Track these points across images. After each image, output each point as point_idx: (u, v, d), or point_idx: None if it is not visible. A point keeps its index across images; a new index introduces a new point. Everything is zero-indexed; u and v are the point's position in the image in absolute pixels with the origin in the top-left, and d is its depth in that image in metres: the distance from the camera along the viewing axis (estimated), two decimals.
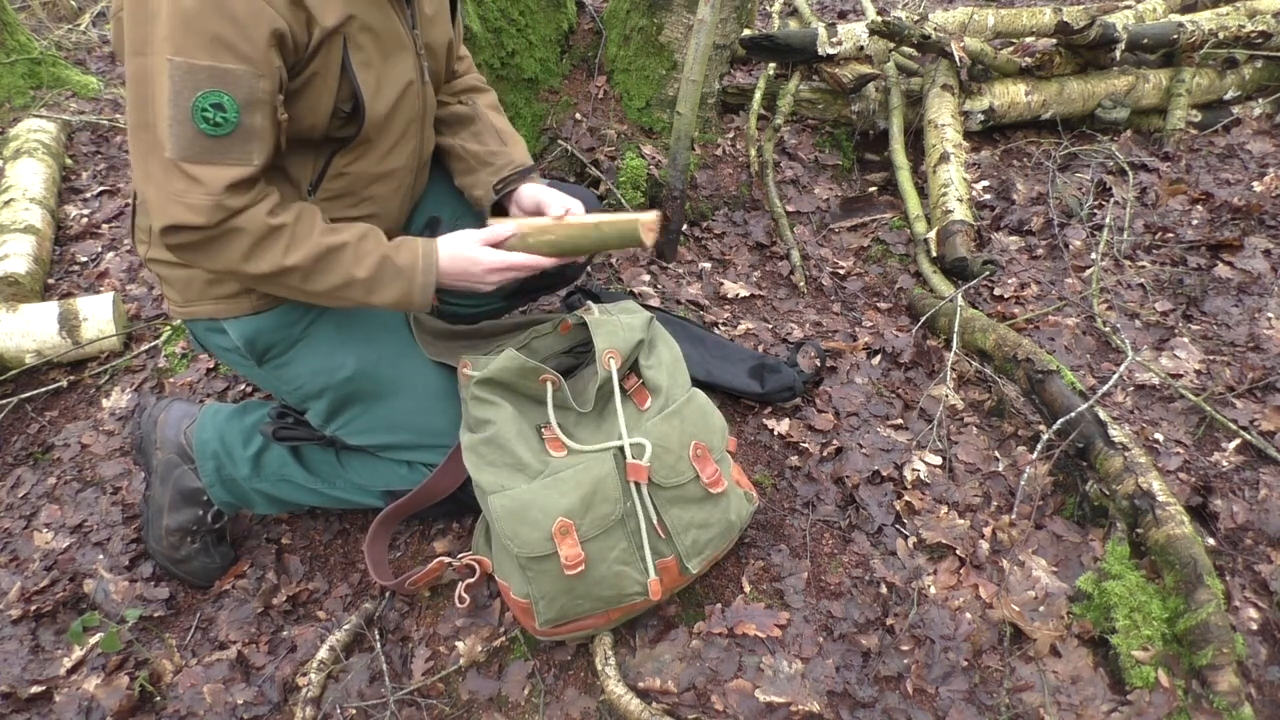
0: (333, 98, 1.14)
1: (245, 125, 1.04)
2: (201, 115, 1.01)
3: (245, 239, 1.09)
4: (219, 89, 1.01)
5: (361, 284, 1.18)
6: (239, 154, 1.06)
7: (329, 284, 1.17)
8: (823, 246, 2.44)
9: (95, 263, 2.32)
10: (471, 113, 1.48)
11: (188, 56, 0.98)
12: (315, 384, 1.33)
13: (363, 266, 1.18)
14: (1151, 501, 1.46)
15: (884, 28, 2.48)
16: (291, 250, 1.12)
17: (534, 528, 1.19)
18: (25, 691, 1.39)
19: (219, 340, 1.31)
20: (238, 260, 1.10)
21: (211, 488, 1.46)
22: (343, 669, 1.39)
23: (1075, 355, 1.95)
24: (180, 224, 1.05)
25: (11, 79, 2.94)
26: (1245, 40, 2.85)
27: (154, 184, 1.05)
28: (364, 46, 1.15)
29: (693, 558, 1.30)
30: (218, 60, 0.99)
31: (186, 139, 1.02)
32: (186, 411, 1.52)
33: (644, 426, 1.28)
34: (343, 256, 1.16)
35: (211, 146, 1.03)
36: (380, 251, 1.20)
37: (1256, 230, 2.30)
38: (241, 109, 1.03)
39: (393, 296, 1.21)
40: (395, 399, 1.37)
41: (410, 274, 1.21)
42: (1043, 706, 1.30)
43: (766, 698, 1.29)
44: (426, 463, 1.42)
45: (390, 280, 1.20)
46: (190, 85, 0.99)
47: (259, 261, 1.11)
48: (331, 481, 1.46)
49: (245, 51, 1.01)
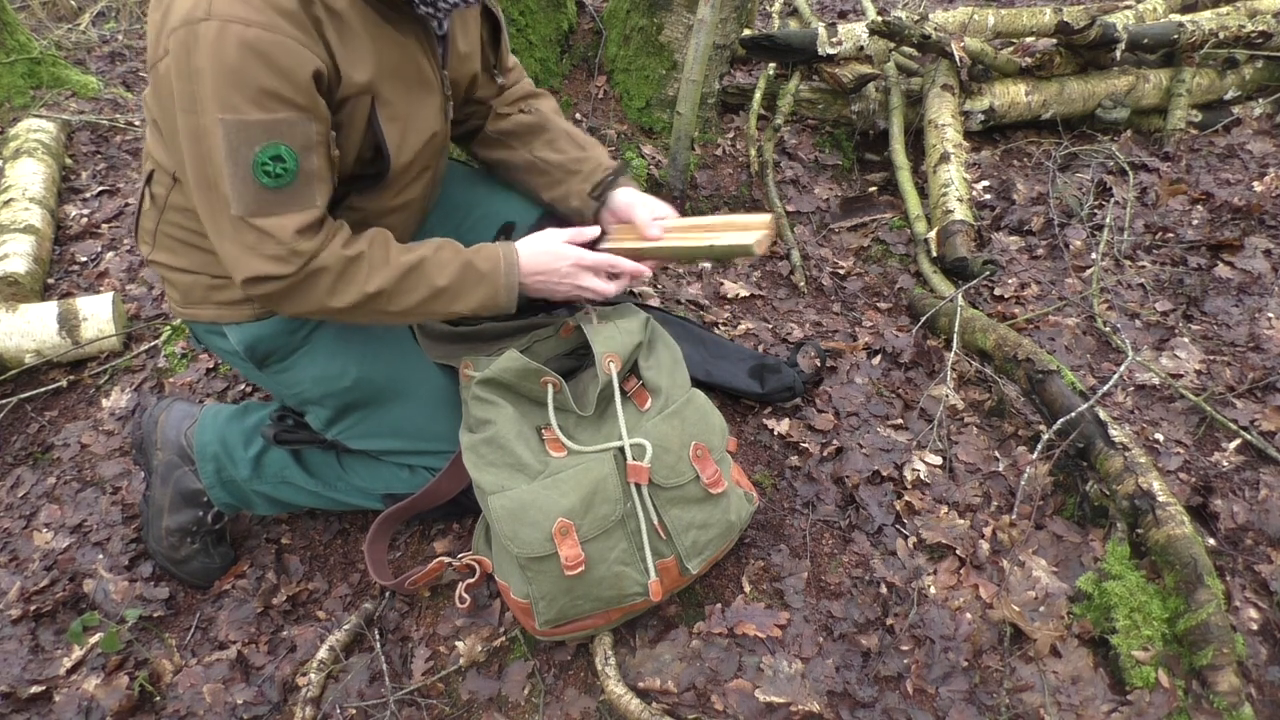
0: (356, 149, 1.15)
1: (305, 170, 1.04)
2: (262, 170, 1.01)
3: (328, 277, 1.10)
4: (276, 140, 1.00)
5: (446, 293, 1.18)
6: (303, 199, 1.06)
7: (414, 300, 1.17)
8: (823, 246, 2.44)
9: (95, 262, 2.32)
10: (539, 120, 1.47)
11: (239, 114, 0.98)
12: (317, 390, 1.33)
13: (444, 275, 1.18)
14: (1151, 501, 1.46)
15: (884, 28, 2.48)
16: (373, 277, 1.12)
17: (534, 528, 1.19)
18: (25, 691, 1.39)
19: (219, 343, 1.31)
20: (323, 298, 1.11)
21: (212, 489, 1.46)
22: (343, 669, 1.39)
23: (1075, 355, 1.95)
24: (261, 275, 1.06)
25: (11, 79, 2.93)
26: (1245, 40, 2.85)
27: (227, 240, 1.06)
28: (391, 101, 1.14)
29: (693, 558, 1.30)
30: (269, 113, 0.99)
31: (250, 194, 1.02)
32: (187, 412, 1.52)
33: (644, 427, 1.28)
34: (424, 271, 1.16)
35: (275, 198, 1.03)
36: (460, 259, 1.20)
37: (1256, 230, 2.30)
38: (299, 156, 1.03)
39: (478, 300, 1.21)
40: (397, 405, 1.37)
41: (494, 276, 1.21)
42: (1043, 706, 1.30)
43: (766, 698, 1.29)
44: (428, 467, 1.42)
45: (474, 285, 1.20)
46: (246, 142, 0.99)
47: (344, 295, 1.12)
48: (332, 484, 1.46)
49: (293, 99, 1.00)
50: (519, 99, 1.49)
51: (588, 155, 1.43)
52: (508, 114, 1.48)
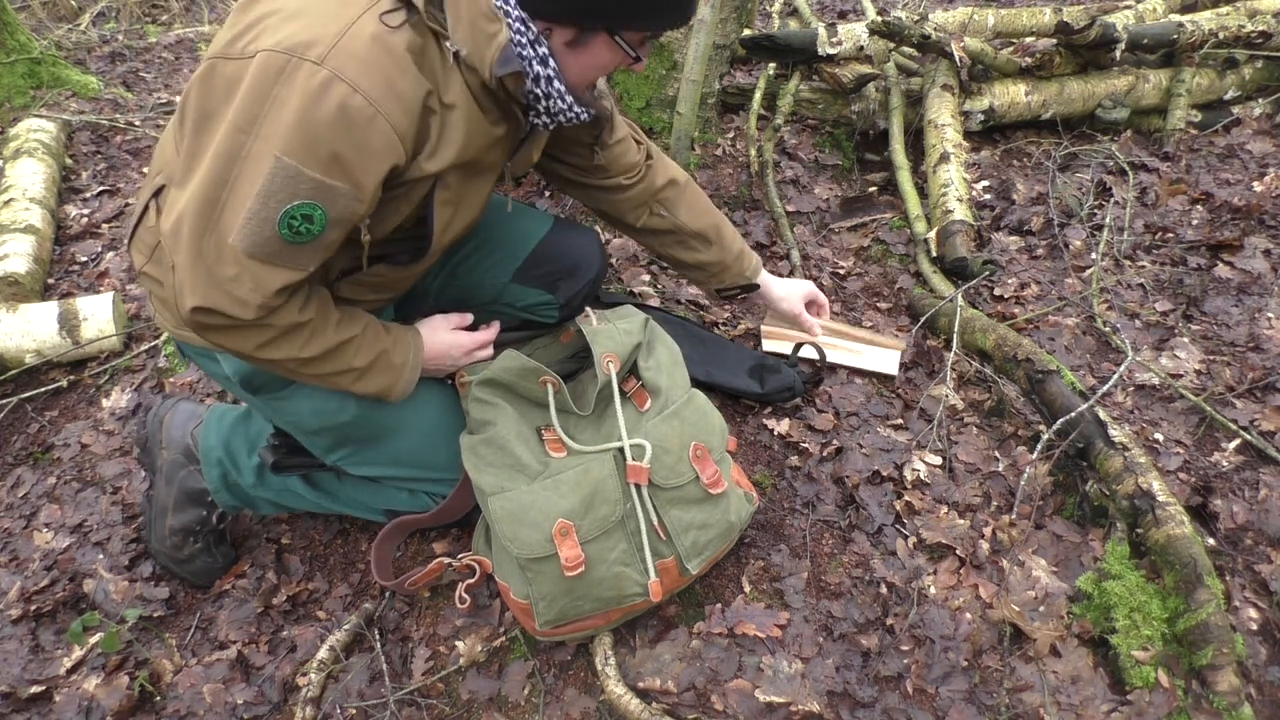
0: (401, 219, 1.12)
1: (323, 239, 1.01)
2: (289, 223, 0.97)
3: (269, 332, 1.07)
4: (316, 201, 0.96)
5: (355, 373, 1.19)
6: (303, 262, 1.02)
7: (329, 369, 1.16)
8: (823, 246, 2.44)
9: (95, 262, 2.32)
10: (668, 224, 1.53)
11: (300, 163, 0.93)
12: (314, 422, 1.31)
13: (362, 357, 1.19)
14: (1151, 501, 1.46)
15: (884, 28, 2.48)
16: (309, 345, 1.11)
17: (534, 529, 1.19)
18: (25, 691, 1.39)
19: (212, 367, 1.28)
20: (252, 348, 1.09)
21: (217, 492, 1.46)
22: (343, 669, 1.39)
23: (1075, 355, 1.95)
24: (217, 309, 1.01)
25: (11, 79, 2.94)
26: (1245, 40, 2.85)
27: (201, 264, 0.99)
28: (452, 185, 1.12)
29: (692, 558, 1.30)
30: (329, 177, 0.95)
31: (262, 238, 0.97)
32: (192, 412, 1.51)
33: (644, 427, 1.28)
34: (349, 349, 1.17)
35: (282, 251, 0.99)
36: (379, 345, 1.21)
37: (1256, 230, 2.30)
38: (328, 225, 1.00)
39: (375, 388, 1.23)
40: (396, 438, 1.36)
41: (400, 370, 1.24)
42: (1042, 706, 1.30)
43: (766, 698, 1.29)
44: (429, 492, 1.42)
45: (380, 372, 1.22)
46: (289, 191, 0.94)
47: (275, 351, 1.10)
48: (334, 497, 1.47)
49: (359, 178, 0.97)
50: (656, 193, 1.50)
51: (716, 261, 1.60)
52: (639, 218, 1.52)
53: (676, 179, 1.53)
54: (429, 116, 1.01)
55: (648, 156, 1.50)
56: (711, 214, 1.58)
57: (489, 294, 1.51)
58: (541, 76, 1.07)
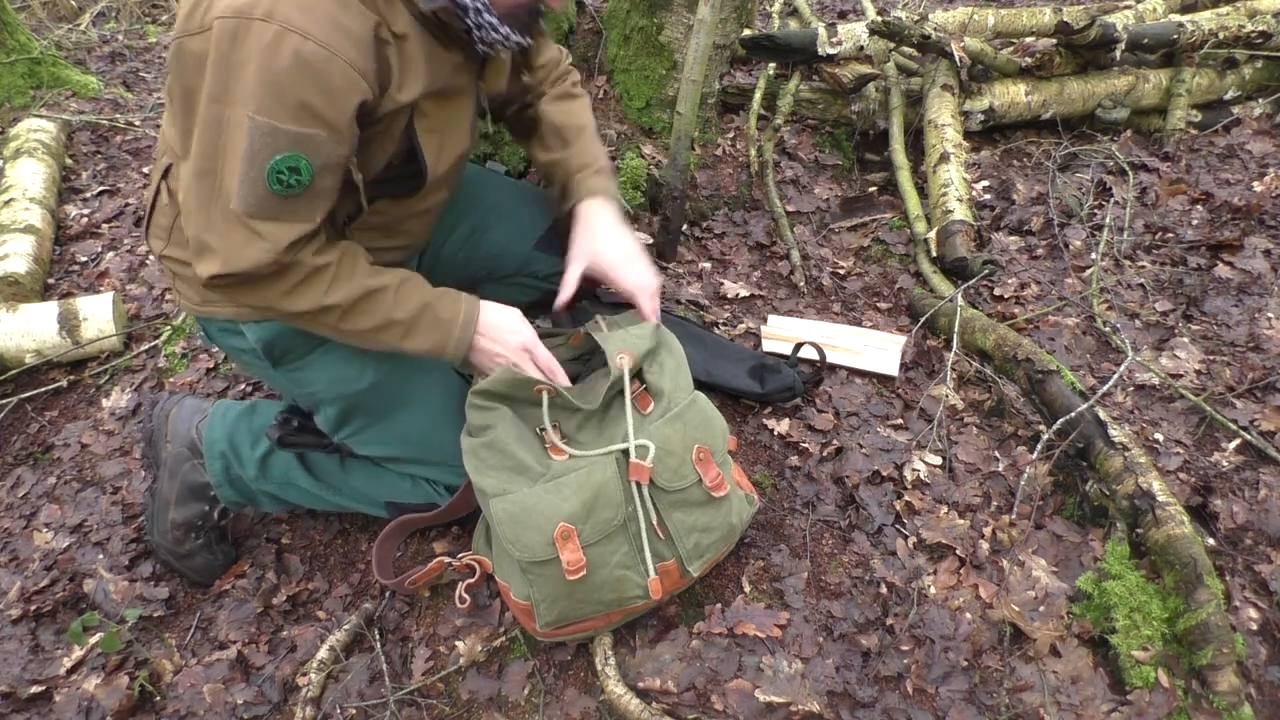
0: (388, 155, 1.14)
1: (316, 187, 1.04)
2: (277, 177, 1.00)
3: (289, 280, 1.09)
4: (298, 152, 1.00)
5: (399, 326, 1.18)
6: (306, 213, 1.06)
7: (367, 324, 1.16)
8: (823, 246, 2.44)
9: (95, 262, 2.32)
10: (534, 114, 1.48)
11: (272, 119, 0.97)
12: (331, 391, 1.32)
13: (403, 309, 1.17)
14: (1151, 501, 1.46)
15: (884, 28, 2.48)
16: (333, 290, 1.12)
17: (535, 532, 1.19)
18: (25, 691, 1.39)
19: (233, 341, 1.31)
20: (277, 298, 1.10)
21: (220, 487, 1.46)
22: (343, 669, 1.39)
23: (1075, 355, 1.95)
24: (234, 272, 1.04)
25: (11, 79, 2.93)
26: (1245, 40, 2.85)
27: (213, 232, 1.04)
28: (430, 113, 1.14)
29: (694, 560, 1.30)
30: (302, 126, 0.98)
31: (257, 197, 1.01)
32: (197, 407, 1.52)
33: (647, 430, 1.28)
34: (383, 298, 1.16)
35: (280, 205, 1.03)
36: (422, 298, 1.20)
37: (1256, 230, 2.30)
38: (316, 173, 1.03)
39: (428, 344, 1.21)
40: (407, 413, 1.37)
41: (449, 326, 1.22)
42: (1042, 706, 1.30)
43: (766, 698, 1.29)
44: (430, 478, 1.43)
45: (428, 328, 1.20)
46: (270, 147, 0.98)
47: (299, 300, 1.11)
48: (336, 488, 1.47)
49: (331, 119, 1.00)
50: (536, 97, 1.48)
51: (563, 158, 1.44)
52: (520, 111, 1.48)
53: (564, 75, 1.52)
54: (384, 48, 1.03)
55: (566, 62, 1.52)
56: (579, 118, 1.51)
57: (513, 264, 1.55)
58: (470, 9, 1.10)
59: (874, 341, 1.97)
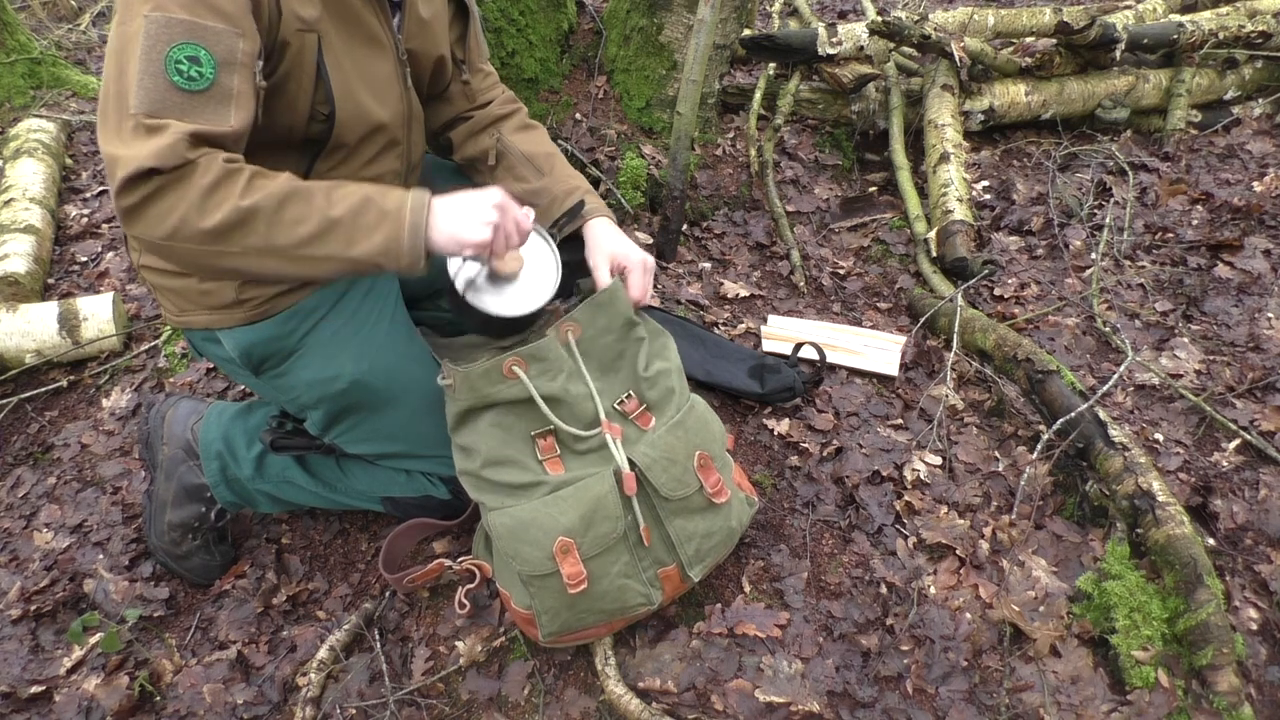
0: (309, 99, 1.12)
1: (222, 84, 1.00)
2: (175, 67, 0.96)
3: (198, 180, 0.97)
4: (195, 41, 0.97)
5: (341, 228, 1.03)
6: (212, 113, 0.99)
7: (302, 232, 1.02)
8: (823, 246, 2.44)
9: (95, 263, 2.32)
10: (500, 147, 1.43)
11: (165, 10, 0.96)
12: (311, 395, 1.31)
13: (339, 206, 1.04)
14: (1151, 501, 1.46)
15: (884, 28, 2.48)
16: (251, 189, 1.00)
17: (535, 546, 1.19)
18: (25, 691, 1.39)
19: (215, 350, 1.30)
20: (191, 212, 0.97)
21: (216, 487, 1.46)
22: (343, 669, 1.39)
23: (1075, 355, 1.95)
24: (139, 170, 0.94)
25: (11, 79, 2.94)
26: (1245, 40, 2.86)
27: (120, 142, 0.97)
28: (337, 47, 1.13)
29: (694, 565, 1.29)
30: (196, 16, 0.97)
31: (158, 91, 0.96)
32: (194, 408, 1.52)
33: (649, 438, 1.27)
34: (314, 197, 1.03)
35: (184, 101, 0.97)
36: (360, 191, 1.07)
37: (1256, 230, 2.30)
38: (219, 67, 0.99)
39: (380, 241, 1.05)
40: (391, 410, 1.36)
41: (398, 213, 1.06)
42: (1042, 706, 1.30)
43: (766, 698, 1.29)
44: (424, 471, 1.42)
45: (375, 222, 1.05)
46: (165, 38, 0.95)
47: (214, 209, 0.98)
48: (332, 486, 1.47)
49: (225, 9, 0.98)
50: (486, 126, 1.45)
51: (543, 186, 1.39)
52: (468, 148, 1.45)
53: (518, 109, 1.49)
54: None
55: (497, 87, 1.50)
56: (547, 145, 1.47)
57: None
58: None
59: (874, 341, 1.97)
